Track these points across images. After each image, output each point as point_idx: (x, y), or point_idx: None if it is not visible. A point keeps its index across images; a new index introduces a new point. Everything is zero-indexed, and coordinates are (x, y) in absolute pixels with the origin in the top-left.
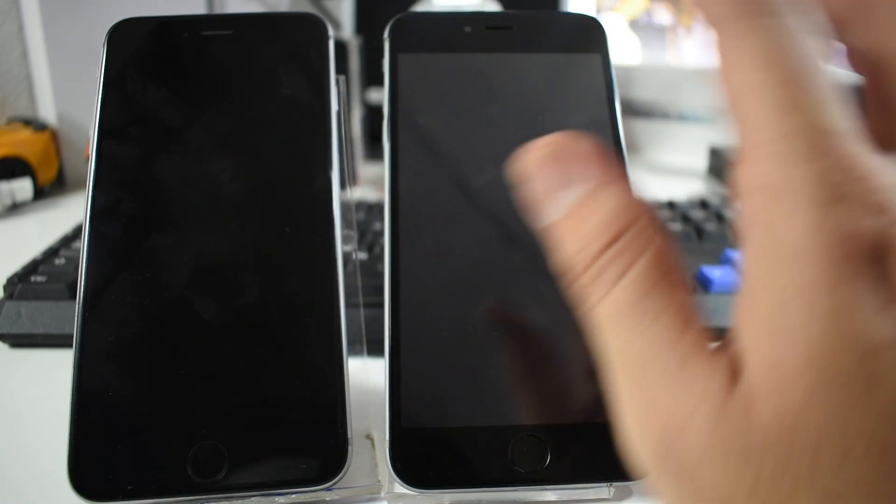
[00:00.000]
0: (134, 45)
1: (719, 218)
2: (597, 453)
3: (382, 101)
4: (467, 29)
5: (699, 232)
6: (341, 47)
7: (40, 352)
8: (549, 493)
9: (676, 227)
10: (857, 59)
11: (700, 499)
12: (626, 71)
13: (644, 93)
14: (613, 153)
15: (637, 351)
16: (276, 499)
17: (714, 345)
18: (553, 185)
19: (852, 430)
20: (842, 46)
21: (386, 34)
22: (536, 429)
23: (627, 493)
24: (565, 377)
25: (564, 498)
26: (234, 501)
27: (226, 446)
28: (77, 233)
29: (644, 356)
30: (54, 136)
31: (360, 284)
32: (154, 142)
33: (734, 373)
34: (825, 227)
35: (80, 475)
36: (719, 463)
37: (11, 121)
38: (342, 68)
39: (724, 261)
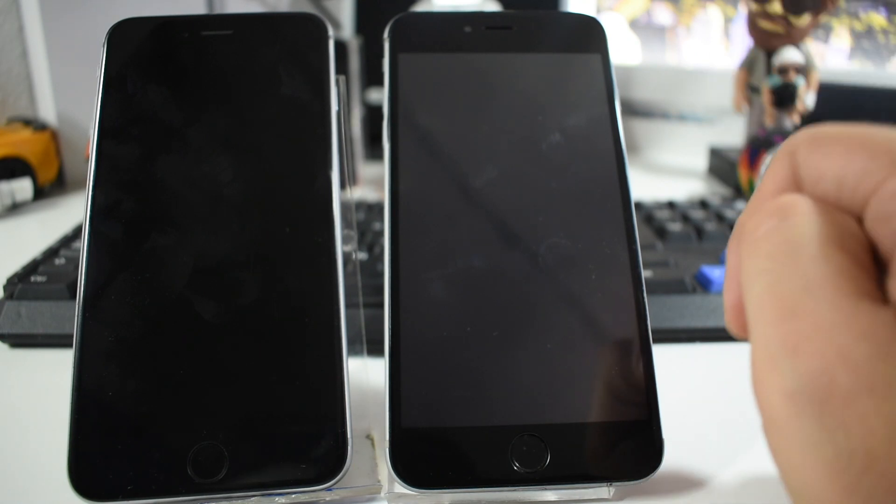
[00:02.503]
0: (134, 46)
1: (719, 218)
2: (597, 453)
3: (382, 101)
4: (467, 29)
5: (699, 232)
6: (341, 47)
7: (40, 352)
8: (549, 493)
9: (676, 227)
10: None
11: (847, 438)
12: (626, 71)
13: (644, 93)
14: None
15: (800, 283)
16: (276, 499)
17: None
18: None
19: None
20: None
21: (386, 34)
22: (536, 429)
23: (627, 493)
24: (566, 377)
25: (564, 498)
26: (234, 501)
27: (226, 446)
28: (77, 233)
29: (806, 289)
30: (54, 136)
31: (360, 284)
32: (154, 142)
33: None
34: None
35: (80, 475)
36: (874, 401)
37: (11, 121)
38: (342, 68)
39: (724, 261)
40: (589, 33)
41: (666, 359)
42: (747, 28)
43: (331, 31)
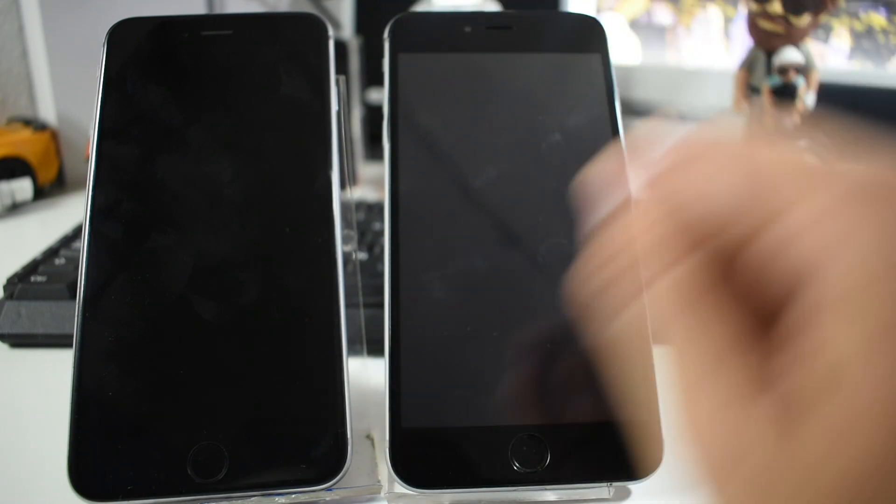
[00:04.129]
0: (134, 45)
1: None
2: (597, 453)
3: (382, 101)
4: (467, 29)
5: None
6: (341, 47)
7: (40, 352)
8: (549, 493)
9: None
10: None
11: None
12: (626, 71)
13: (644, 93)
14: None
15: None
16: (276, 499)
17: None
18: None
19: None
20: None
21: (386, 34)
22: (536, 429)
23: (627, 494)
24: (566, 377)
25: (564, 498)
26: (234, 501)
27: (226, 446)
28: (77, 233)
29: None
30: (54, 136)
31: (360, 284)
32: (154, 142)
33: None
34: None
35: (80, 475)
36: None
37: (11, 121)
38: (342, 68)
39: None
40: (589, 33)
41: (666, 359)
42: (747, 28)
43: (331, 31)
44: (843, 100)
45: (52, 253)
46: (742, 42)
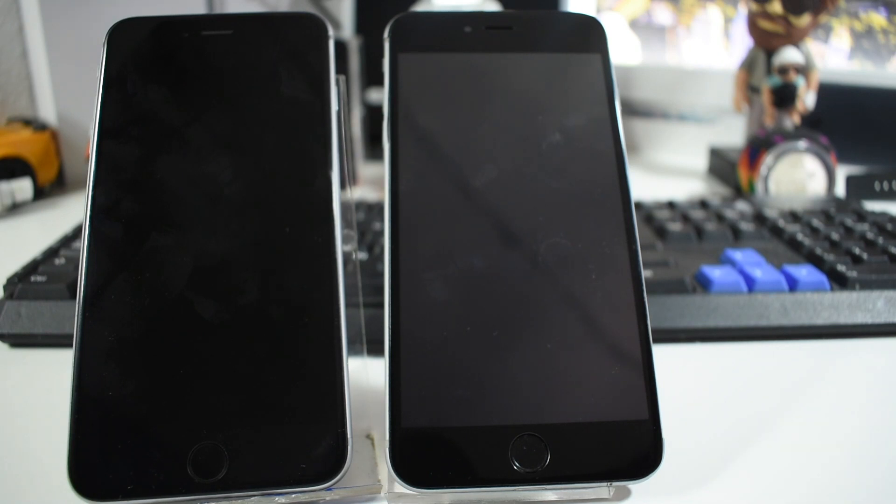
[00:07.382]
0: (134, 45)
1: (719, 218)
2: (597, 453)
3: (382, 101)
4: (467, 29)
5: (699, 232)
6: (341, 47)
7: (40, 352)
8: (549, 493)
9: (676, 227)
10: None
11: None
12: (626, 71)
13: (644, 93)
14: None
15: None
16: (276, 499)
17: None
18: None
19: None
20: None
21: (386, 34)
22: (536, 428)
23: (627, 494)
24: (566, 376)
25: (564, 498)
26: (234, 501)
27: (226, 446)
28: (77, 233)
29: None
30: (54, 136)
31: (360, 284)
32: (154, 142)
33: None
34: None
35: (80, 475)
36: None
37: (11, 121)
38: (342, 68)
39: (724, 261)
40: (589, 33)
41: (666, 359)
42: (747, 28)
43: (331, 31)
44: (843, 100)
45: (52, 253)
46: (742, 42)
